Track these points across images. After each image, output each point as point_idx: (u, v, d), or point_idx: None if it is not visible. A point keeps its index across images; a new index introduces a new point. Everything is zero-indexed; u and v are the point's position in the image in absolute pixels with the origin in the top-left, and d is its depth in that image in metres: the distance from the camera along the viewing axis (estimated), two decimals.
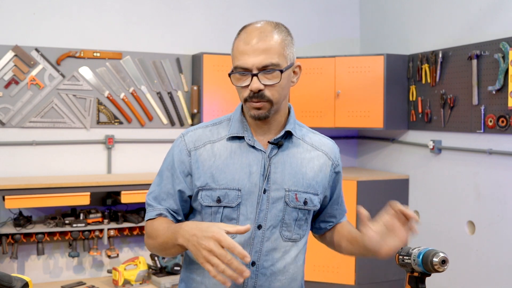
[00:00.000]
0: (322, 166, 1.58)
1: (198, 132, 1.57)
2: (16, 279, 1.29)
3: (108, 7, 4.21)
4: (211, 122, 1.60)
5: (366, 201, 4.18)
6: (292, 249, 1.54)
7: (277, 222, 1.50)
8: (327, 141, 1.65)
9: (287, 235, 1.52)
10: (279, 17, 4.71)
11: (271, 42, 1.45)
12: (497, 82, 3.36)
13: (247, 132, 1.53)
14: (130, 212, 4.07)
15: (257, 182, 1.49)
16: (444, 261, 1.30)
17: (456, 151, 3.81)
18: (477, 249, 3.60)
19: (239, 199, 1.48)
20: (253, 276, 1.49)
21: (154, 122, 4.32)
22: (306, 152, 1.57)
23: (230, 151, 1.52)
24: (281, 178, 1.51)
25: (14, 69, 3.92)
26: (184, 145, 1.54)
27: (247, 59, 1.43)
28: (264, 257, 1.49)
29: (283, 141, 1.54)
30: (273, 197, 1.49)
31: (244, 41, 1.45)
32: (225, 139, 1.54)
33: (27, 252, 3.95)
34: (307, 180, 1.54)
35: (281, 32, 1.48)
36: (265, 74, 1.44)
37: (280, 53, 1.45)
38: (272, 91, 1.46)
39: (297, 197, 1.52)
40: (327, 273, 4.21)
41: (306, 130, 1.64)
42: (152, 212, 1.54)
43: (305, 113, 4.40)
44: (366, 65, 4.25)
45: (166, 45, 4.38)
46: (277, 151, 1.53)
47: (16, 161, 3.96)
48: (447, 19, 3.94)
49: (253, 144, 1.51)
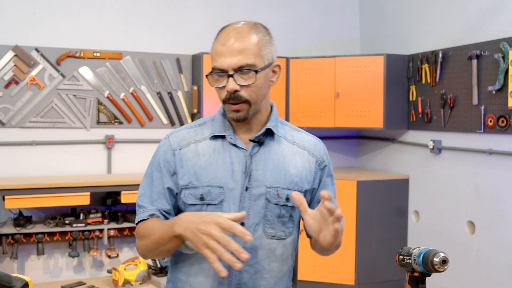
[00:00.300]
0: (305, 163, 1.58)
1: (182, 132, 1.60)
2: (16, 279, 1.29)
3: (108, 7, 4.21)
4: (196, 123, 1.63)
5: (366, 201, 4.19)
6: (278, 247, 1.53)
7: (260, 219, 1.51)
8: (310, 138, 1.64)
9: (271, 232, 1.52)
10: (279, 17, 4.72)
11: (247, 43, 1.47)
12: (497, 82, 3.36)
13: (229, 131, 1.55)
14: (130, 212, 4.07)
15: (239, 180, 1.51)
16: (445, 261, 1.31)
17: (456, 151, 3.81)
18: (477, 249, 3.60)
19: (222, 196, 1.50)
20: (236, 274, 1.49)
21: (154, 122, 4.32)
22: (288, 149, 1.58)
23: (213, 150, 1.54)
24: (262, 175, 1.52)
25: (14, 69, 3.92)
26: (168, 145, 1.57)
27: (223, 60, 1.45)
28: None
29: (264, 138, 1.55)
30: (254, 194, 1.51)
31: (221, 42, 1.48)
32: (208, 139, 1.56)
33: (27, 252, 3.95)
34: (290, 177, 1.54)
35: (258, 32, 1.50)
36: (241, 74, 1.46)
37: (256, 53, 1.47)
38: (248, 91, 1.48)
39: (279, 193, 1.52)
40: (327, 273, 4.21)
41: (289, 128, 1.65)
42: (143, 213, 1.55)
43: (305, 113, 4.40)
44: (366, 65, 4.25)
45: (166, 45, 4.38)
46: (259, 149, 1.54)
47: (16, 161, 3.96)
48: (447, 19, 3.94)
49: (234, 142, 1.53)
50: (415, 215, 4.27)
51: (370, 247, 4.19)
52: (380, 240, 4.21)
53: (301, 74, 4.40)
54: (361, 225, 4.16)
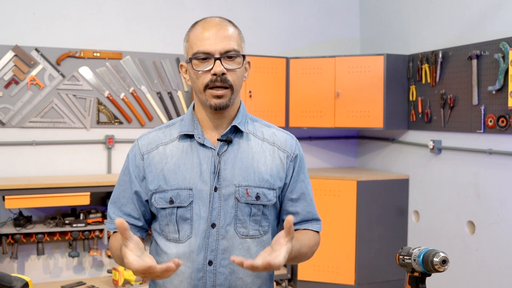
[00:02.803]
0: (275, 159, 1.56)
1: (151, 135, 1.59)
2: (16, 279, 1.29)
3: (108, 7, 4.21)
4: (165, 124, 1.62)
5: (366, 201, 4.19)
6: (252, 246, 1.51)
7: (231, 219, 1.49)
8: (281, 134, 1.61)
9: (243, 232, 1.50)
10: (279, 17, 4.73)
11: (231, 31, 1.50)
12: (497, 82, 3.36)
13: (197, 130, 1.54)
14: None
15: (208, 180, 1.49)
16: (445, 261, 1.31)
17: (456, 151, 3.81)
18: (477, 249, 3.60)
19: (191, 198, 1.49)
20: (211, 275, 1.48)
21: (154, 122, 4.33)
22: (258, 146, 1.56)
23: (181, 151, 1.53)
24: (231, 174, 1.50)
25: (14, 69, 3.92)
26: (138, 149, 1.58)
27: (209, 44, 1.46)
28: (221, 255, 1.48)
29: (231, 136, 1.53)
30: (224, 194, 1.49)
31: (204, 28, 1.49)
32: (177, 140, 1.55)
33: (27, 252, 3.95)
34: (259, 174, 1.52)
35: (235, 27, 1.54)
36: (227, 59, 1.47)
37: (238, 43, 1.50)
38: (233, 76, 1.48)
39: (248, 192, 1.50)
40: (327, 273, 4.21)
41: (259, 124, 1.62)
42: (110, 225, 1.58)
43: (305, 113, 4.40)
44: (366, 65, 4.25)
45: (166, 45, 4.38)
46: (227, 148, 1.52)
47: (16, 161, 3.97)
48: (447, 19, 3.94)
49: (202, 142, 1.52)
50: (415, 215, 4.27)
51: (370, 247, 4.19)
52: (380, 240, 4.21)
53: (301, 74, 4.40)
54: (361, 225, 4.16)
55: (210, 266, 1.48)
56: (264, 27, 4.71)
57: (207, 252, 1.48)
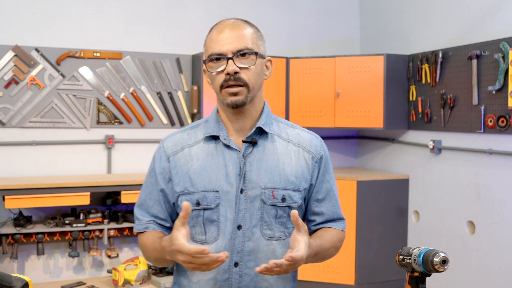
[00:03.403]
0: (300, 160, 1.56)
1: (176, 136, 1.60)
2: (16, 279, 1.29)
3: (108, 7, 4.21)
4: (189, 126, 1.63)
5: (366, 201, 4.19)
6: (278, 248, 1.52)
7: (257, 221, 1.50)
8: (305, 134, 1.61)
9: (269, 234, 1.51)
10: (279, 17, 4.73)
11: (244, 31, 1.50)
12: (497, 82, 3.36)
13: (223, 131, 1.54)
14: (130, 212, 4.07)
15: (234, 182, 1.50)
16: (445, 261, 1.30)
17: (456, 151, 3.81)
18: (477, 249, 3.60)
19: (217, 200, 1.49)
20: (237, 277, 1.49)
21: (154, 122, 4.32)
22: (282, 147, 1.56)
23: (207, 153, 1.54)
24: (256, 176, 1.50)
25: (14, 69, 3.92)
26: (163, 151, 1.58)
27: (221, 45, 1.48)
28: (246, 257, 1.49)
29: (256, 138, 1.54)
30: (250, 196, 1.50)
31: (218, 31, 1.51)
32: (202, 142, 1.56)
33: (27, 252, 3.95)
34: (285, 176, 1.52)
35: (252, 26, 1.54)
36: (240, 58, 1.48)
37: (253, 41, 1.51)
38: (248, 74, 1.49)
39: (274, 194, 1.51)
40: (327, 273, 4.21)
41: (284, 125, 1.62)
42: (139, 226, 1.59)
43: (305, 113, 4.40)
44: (366, 65, 4.25)
45: (166, 45, 4.38)
46: (252, 149, 1.53)
47: (16, 161, 3.96)
48: (447, 19, 3.94)
49: (228, 143, 1.52)
50: (415, 215, 4.27)
51: (370, 247, 4.19)
52: (380, 240, 4.21)
53: (301, 74, 4.40)
54: (361, 225, 4.16)
55: (236, 267, 1.49)
56: (264, 27, 4.66)
57: (233, 254, 1.49)
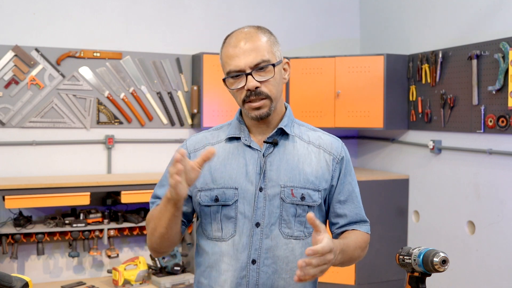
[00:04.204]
0: (321, 161, 1.58)
1: (199, 135, 1.65)
2: (16, 279, 1.29)
3: (108, 7, 4.21)
4: (214, 128, 1.68)
5: (366, 201, 4.17)
6: (297, 247, 1.53)
7: (275, 219, 1.51)
8: (326, 137, 1.65)
9: (288, 232, 1.52)
10: (278, 17, 4.72)
11: (258, 42, 1.50)
12: (497, 82, 3.36)
13: (244, 133, 1.57)
14: (130, 212, 4.07)
15: (253, 181, 1.52)
16: (445, 261, 1.31)
17: (456, 151, 3.81)
18: (477, 249, 3.60)
19: (236, 197, 1.52)
20: (254, 274, 1.50)
21: (154, 122, 4.32)
22: (303, 148, 1.59)
23: (228, 152, 1.57)
24: (276, 175, 1.53)
25: (14, 69, 3.92)
26: (185, 148, 1.62)
27: (238, 61, 1.48)
28: (264, 254, 1.50)
29: (278, 139, 1.56)
30: (269, 194, 1.52)
31: (232, 45, 1.51)
32: (224, 142, 1.59)
33: (27, 252, 3.95)
34: (304, 176, 1.54)
35: (264, 33, 1.55)
36: (259, 71, 1.49)
37: (268, 50, 1.51)
38: (268, 86, 1.50)
39: (293, 192, 1.52)
40: (327, 273, 4.17)
41: (305, 128, 1.66)
42: (153, 206, 1.60)
43: (305, 113, 4.40)
44: (366, 65, 4.25)
45: (166, 45, 4.38)
46: (273, 150, 1.56)
47: (16, 161, 3.96)
48: (447, 19, 3.94)
49: (249, 143, 1.55)
50: (415, 215, 4.27)
51: (370, 247, 4.15)
52: (380, 240, 4.21)
53: (301, 74, 4.40)
54: None
55: (253, 265, 1.50)
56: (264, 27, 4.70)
57: (251, 251, 1.50)
